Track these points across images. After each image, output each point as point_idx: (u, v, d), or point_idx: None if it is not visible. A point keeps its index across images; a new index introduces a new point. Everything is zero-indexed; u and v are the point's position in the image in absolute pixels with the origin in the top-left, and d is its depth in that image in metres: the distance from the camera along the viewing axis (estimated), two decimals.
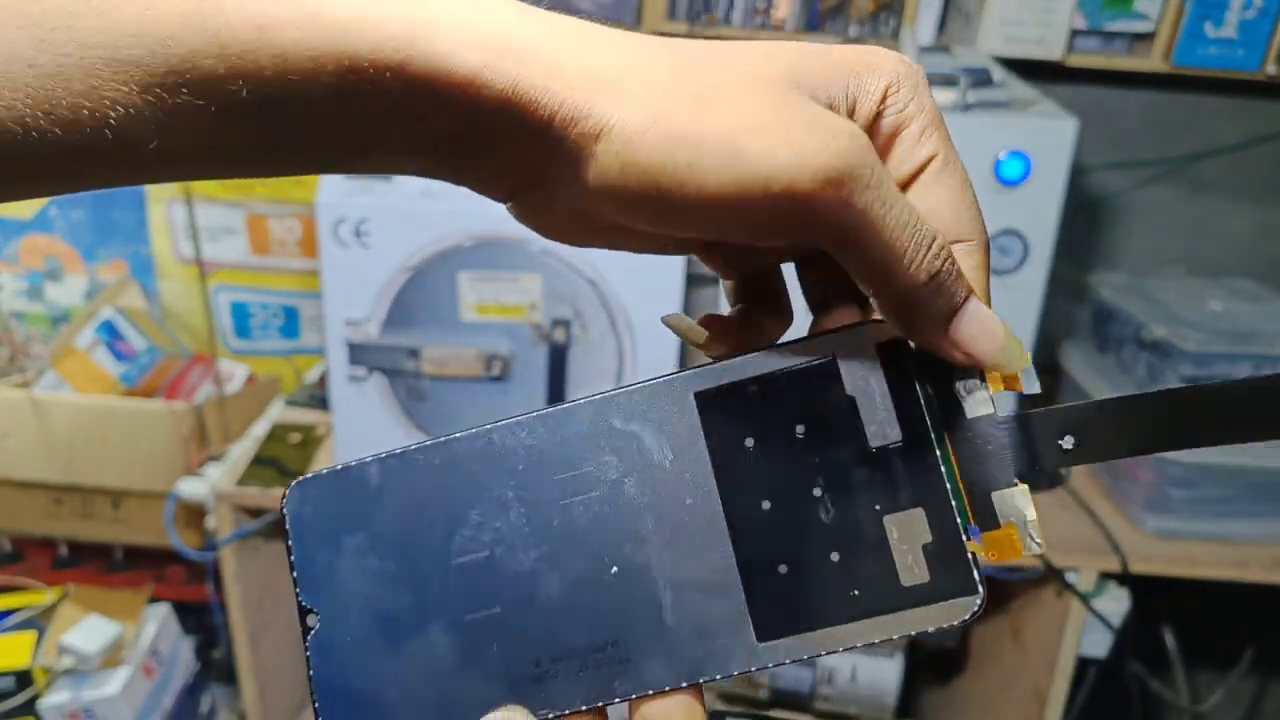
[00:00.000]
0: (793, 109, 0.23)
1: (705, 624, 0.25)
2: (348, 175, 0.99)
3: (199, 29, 0.21)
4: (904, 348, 0.26)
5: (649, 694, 0.25)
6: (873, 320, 0.27)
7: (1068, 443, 0.25)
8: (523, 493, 0.27)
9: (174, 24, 0.21)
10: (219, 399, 1.31)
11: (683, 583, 0.26)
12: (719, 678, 0.25)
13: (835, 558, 0.25)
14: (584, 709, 0.26)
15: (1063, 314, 1.27)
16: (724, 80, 0.23)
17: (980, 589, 0.25)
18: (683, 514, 0.26)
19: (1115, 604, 1.07)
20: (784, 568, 0.26)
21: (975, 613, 0.25)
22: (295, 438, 1.23)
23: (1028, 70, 1.15)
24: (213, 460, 1.22)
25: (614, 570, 0.26)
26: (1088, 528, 1.09)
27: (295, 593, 0.27)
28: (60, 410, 1.28)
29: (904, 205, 0.23)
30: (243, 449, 1.22)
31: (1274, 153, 1.29)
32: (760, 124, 0.22)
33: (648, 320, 1.03)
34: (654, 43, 0.24)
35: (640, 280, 1.01)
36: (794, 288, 0.31)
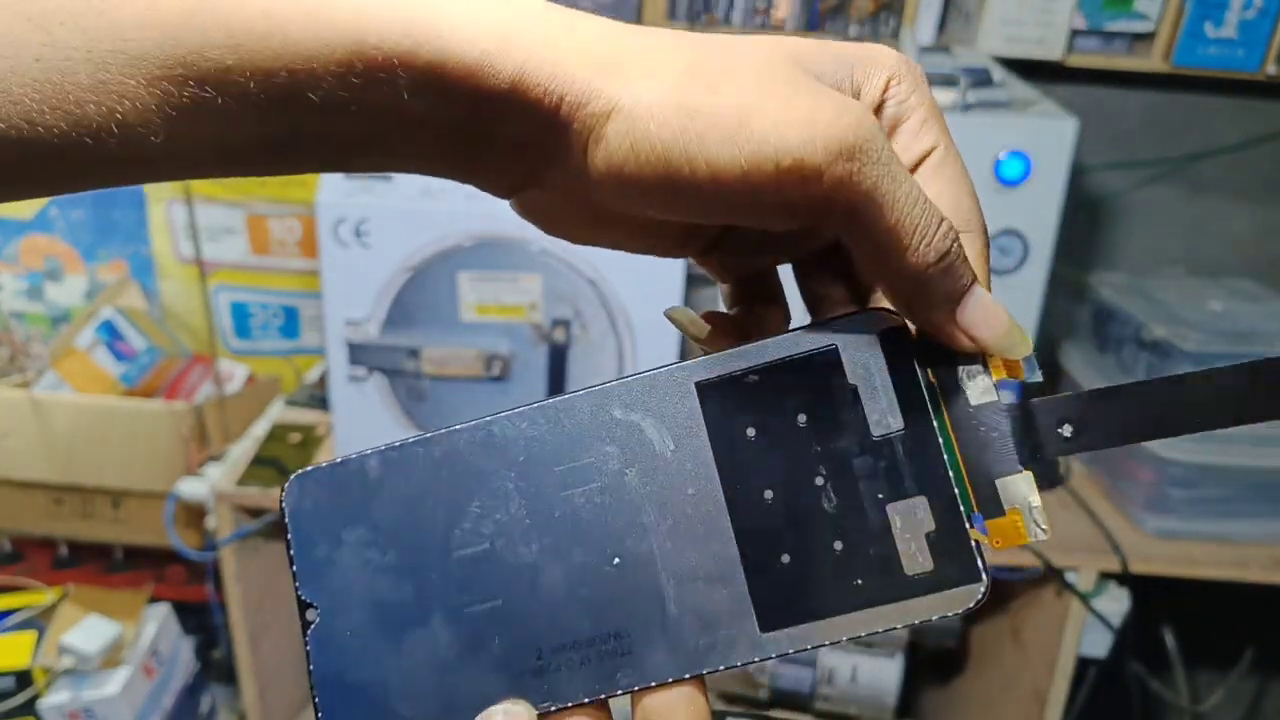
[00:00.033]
0: (802, 88, 0.23)
1: (708, 615, 0.25)
2: (349, 175, 0.99)
3: (208, 19, 0.21)
4: (906, 335, 0.26)
5: (651, 686, 0.25)
6: (874, 308, 0.27)
7: (1066, 430, 0.25)
8: (523, 484, 0.27)
9: (181, 17, 0.21)
10: (219, 399, 1.31)
11: (685, 573, 0.26)
12: (722, 669, 0.25)
13: (838, 547, 0.25)
14: (586, 701, 0.26)
15: (1063, 314, 1.27)
16: (733, 63, 0.23)
17: (984, 576, 0.25)
18: (684, 504, 0.26)
19: (1115, 604, 1.07)
20: (786, 557, 0.25)
21: (979, 600, 0.25)
22: (295, 438, 1.23)
23: (1028, 70, 1.15)
24: (213, 460, 1.22)
25: (615, 561, 0.26)
26: (1088, 528, 1.09)
27: (295, 587, 0.27)
28: (60, 410, 1.28)
29: (913, 183, 0.23)
30: (243, 449, 1.22)
31: (1274, 153, 1.29)
32: (771, 102, 0.23)
33: (648, 320, 1.03)
34: (661, 32, 0.24)
35: (640, 280, 1.01)
36: (792, 289, 0.31)
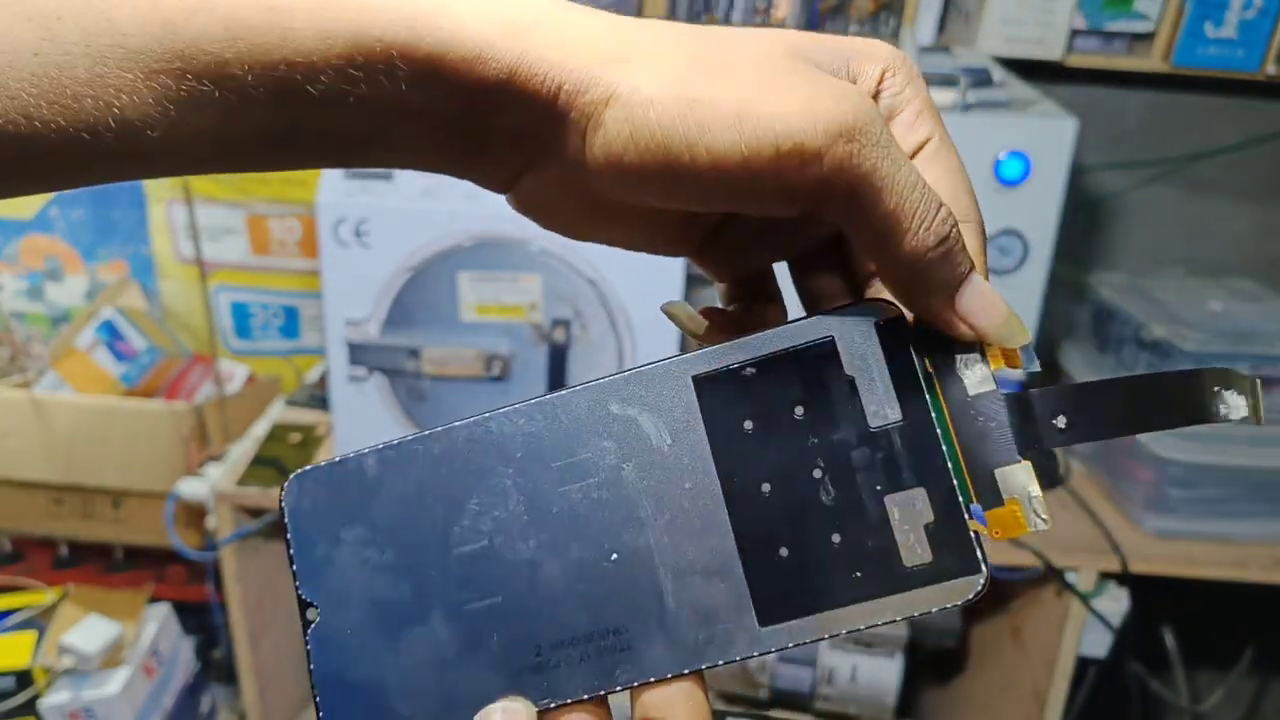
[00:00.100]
0: (801, 76, 0.23)
1: (706, 609, 0.25)
2: (348, 174, 1.00)
3: (207, 12, 0.21)
4: (903, 325, 0.26)
5: (650, 681, 0.25)
6: (870, 299, 0.27)
7: (1060, 422, 0.25)
8: (521, 480, 0.27)
9: (180, 10, 0.21)
10: (219, 399, 1.31)
11: (683, 568, 0.26)
12: (721, 663, 0.25)
13: (836, 539, 0.25)
14: (585, 697, 0.26)
15: (1063, 314, 1.27)
16: (733, 55, 0.23)
17: (984, 567, 0.24)
18: (682, 498, 0.26)
19: (1115, 604, 1.07)
20: (785, 551, 0.25)
21: (979, 592, 0.24)
22: (295, 438, 1.23)
23: (1027, 70, 1.15)
24: (213, 460, 1.22)
25: (614, 557, 0.26)
26: (1088, 528, 1.09)
27: (295, 586, 0.27)
28: (60, 410, 1.28)
29: (912, 167, 0.24)
30: (243, 449, 1.22)
31: (1274, 153, 1.29)
32: (771, 88, 0.23)
33: (648, 320, 1.03)
34: (661, 24, 0.24)
35: (640, 280, 1.01)
36: (789, 290, 0.31)
